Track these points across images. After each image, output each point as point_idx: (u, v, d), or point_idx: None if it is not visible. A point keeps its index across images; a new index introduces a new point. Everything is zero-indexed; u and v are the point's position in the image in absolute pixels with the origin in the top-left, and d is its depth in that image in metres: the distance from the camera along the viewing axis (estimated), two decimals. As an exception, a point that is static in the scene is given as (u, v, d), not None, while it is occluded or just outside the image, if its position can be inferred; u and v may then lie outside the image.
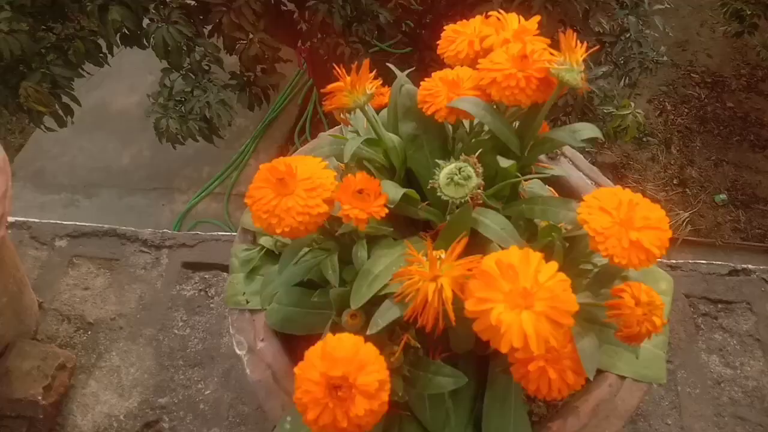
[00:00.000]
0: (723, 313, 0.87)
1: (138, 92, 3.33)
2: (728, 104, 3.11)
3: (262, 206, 0.47)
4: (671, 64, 3.16)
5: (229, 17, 2.43)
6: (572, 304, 0.41)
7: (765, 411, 0.80)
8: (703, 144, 3.02)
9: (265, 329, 0.60)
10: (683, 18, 3.40)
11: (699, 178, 2.95)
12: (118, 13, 2.26)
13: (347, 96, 0.52)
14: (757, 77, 3.16)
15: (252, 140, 3.25)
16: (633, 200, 0.47)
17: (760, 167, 2.97)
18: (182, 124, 2.45)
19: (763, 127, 3.04)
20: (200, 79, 2.48)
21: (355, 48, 2.50)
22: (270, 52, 2.53)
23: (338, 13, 2.43)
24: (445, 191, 0.47)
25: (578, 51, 0.50)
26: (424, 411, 0.53)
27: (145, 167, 3.21)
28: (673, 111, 3.09)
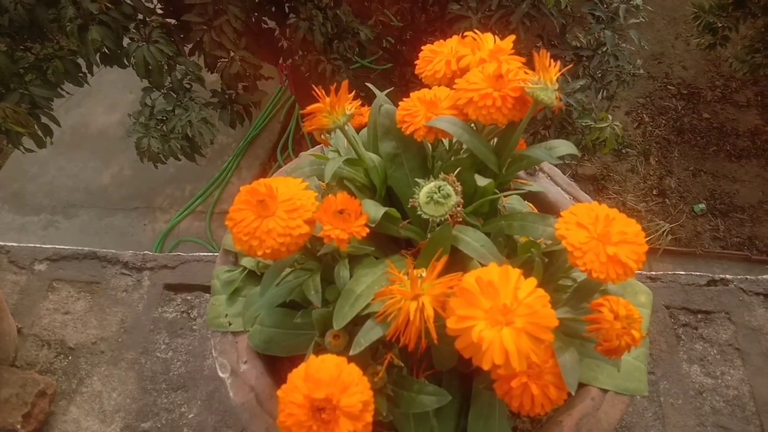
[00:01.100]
0: (703, 323, 0.88)
1: (118, 111, 3.32)
2: (704, 115, 3.16)
3: (243, 228, 0.47)
4: (648, 77, 3.22)
5: (209, 35, 2.43)
6: (552, 319, 0.41)
7: (746, 419, 0.81)
8: (681, 154, 3.06)
9: (247, 351, 0.60)
10: (658, 31, 3.47)
11: (678, 188, 3.00)
12: (98, 33, 2.25)
13: (327, 117, 0.52)
14: (731, 88, 3.22)
15: (234, 158, 3.24)
16: (609, 215, 0.48)
17: (737, 176, 3.02)
18: (164, 143, 2.44)
19: (738, 137, 3.10)
20: (182, 97, 2.48)
21: (337, 64, 2.52)
22: (251, 69, 2.54)
23: (319, 30, 2.44)
24: (425, 210, 0.47)
25: (552, 70, 0.51)
26: (409, 430, 0.53)
27: (125, 187, 3.19)
28: (651, 122, 3.14)
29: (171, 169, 3.24)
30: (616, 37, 2.59)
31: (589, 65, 2.62)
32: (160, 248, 2.95)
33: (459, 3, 2.61)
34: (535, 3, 2.55)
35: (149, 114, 2.47)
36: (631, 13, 2.55)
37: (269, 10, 2.76)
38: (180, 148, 2.47)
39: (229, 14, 2.40)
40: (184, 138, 2.47)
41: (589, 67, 2.62)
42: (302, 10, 2.47)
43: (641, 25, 2.67)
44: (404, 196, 0.55)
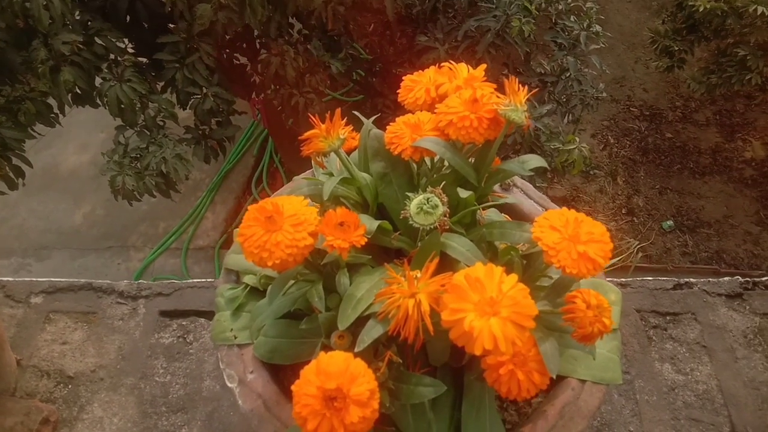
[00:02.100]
0: (671, 324, 0.96)
1: (89, 151, 3.34)
2: (667, 135, 3.32)
3: (254, 242, 0.53)
4: (611, 100, 3.37)
5: (182, 73, 2.50)
6: (532, 308, 0.48)
7: (715, 411, 0.88)
8: (647, 174, 3.20)
9: (253, 361, 0.65)
10: (618, 56, 3.65)
11: (646, 206, 3.13)
12: (71, 74, 2.29)
13: (323, 141, 0.59)
14: (691, 108, 3.39)
15: (208, 193, 3.29)
16: (578, 218, 0.55)
17: (702, 193, 3.16)
18: (139, 180, 2.48)
19: (700, 155, 3.25)
20: (155, 134, 2.52)
21: (309, 98, 2.60)
22: (225, 105, 2.61)
23: (291, 65, 2.53)
24: (416, 219, 0.54)
25: (521, 93, 0.58)
26: (408, 424, 0.59)
27: (98, 226, 3.20)
28: (616, 144, 3.29)
29: (144, 207, 3.26)
30: (579, 63, 2.73)
31: (554, 90, 2.74)
32: (135, 287, 2.95)
33: (426, 35, 2.73)
34: (499, 32, 2.68)
35: (123, 152, 2.51)
36: (592, 39, 2.69)
37: (240, 46, 2.85)
38: (155, 185, 2.50)
39: (201, 51, 2.47)
40: (158, 174, 2.51)
41: (554, 92, 2.74)
42: (273, 45, 2.56)
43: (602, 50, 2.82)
44: (394, 211, 0.62)
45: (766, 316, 0.96)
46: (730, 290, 0.99)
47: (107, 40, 2.36)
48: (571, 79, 2.71)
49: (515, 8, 2.67)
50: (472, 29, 2.68)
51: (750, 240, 2.98)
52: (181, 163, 2.49)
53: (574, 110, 2.75)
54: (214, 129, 2.70)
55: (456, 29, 2.78)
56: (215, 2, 2.28)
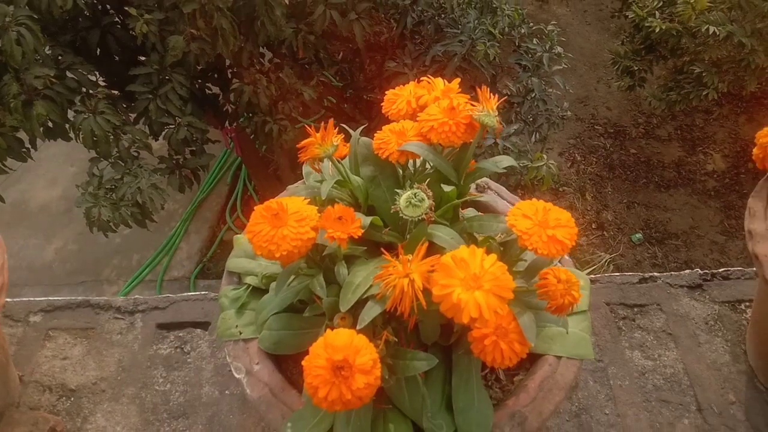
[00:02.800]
0: (639, 315, 1.05)
1: (60, 185, 3.37)
2: (631, 151, 3.48)
3: (262, 237, 0.60)
4: (576, 119, 3.53)
5: (155, 104, 2.56)
6: (510, 282, 0.56)
7: (683, 392, 0.97)
8: (614, 189, 3.35)
9: (258, 354, 0.72)
10: (581, 76, 3.82)
11: (615, 220, 3.26)
12: (43, 107, 2.34)
13: (318, 148, 0.67)
14: (653, 124, 3.57)
15: (182, 223, 3.33)
16: (546, 207, 0.64)
17: (668, 205, 3.32)
18: (114, 211, 2.52)
19: (664, 169, 3.41)
20: (130, 165, 2.57)
21: (283, 124, 2.69)
22: (199, 134, 2.67)
23: (263, 93, 2.61)
24: (405, 212, 0.62)
25: (492, 101, 0.68)
26: (404, 399, 0.66)
27: (70, 261, 3.21)
28: (583, 161, 3.44)
29: (117, 240, 3.29)
30: (543, 84, 2.87)
31: (521, 111, 2.88)
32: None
33: (395, 60, 2.85)
34: (465, 56, 2.81)
35: (98, 183, 2.55)
36: (554, 60, 2.84)
37: (212, 76, 2.93)
38: (131, 215, 2.54)
39: (174, 82, 2.54)
40: (134, 205, 2.55)
41: (521, 112, 2.87)
42: (246, 74, 2.65)
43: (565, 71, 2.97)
44: (383, 209, 0.70)
45: (724, 304, 1.06)
46: (691, 282, 1.09)
47: (79, 73, 2.42)
48: (536, 99, 2.84)
49: (480, 33, 2.81)
50: (440, 54, 2.82)
51: (716, 249, 3.13)
52: (156, 193, 2.54)
53: (541, 129, 2.88)
54: (188, 158, 2.77)
55: (424, 54, 2.92)
56: (187, 33, 2.37)
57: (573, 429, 0.94)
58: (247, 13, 2.45)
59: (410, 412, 0.67)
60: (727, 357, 1.00)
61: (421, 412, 0.66)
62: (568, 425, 0.95)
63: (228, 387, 0.98)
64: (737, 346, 1.02)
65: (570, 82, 3.07)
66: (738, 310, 1.06)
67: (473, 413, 0.66)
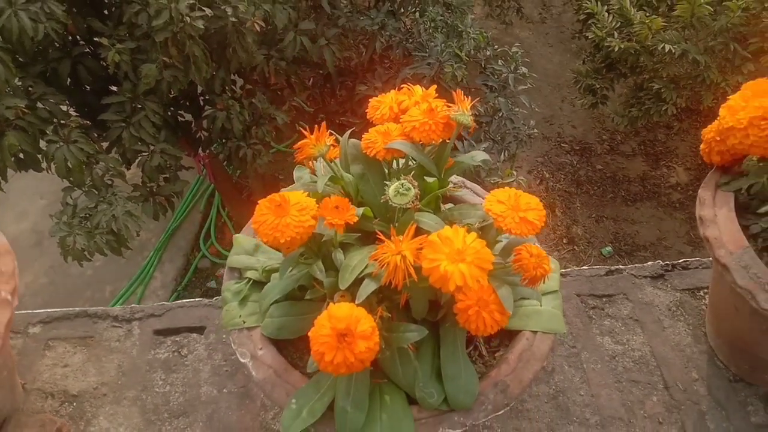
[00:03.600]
0: (607, 304, 1.16)
1: (29, 218, 3.39)
2: (597, 167, 3.65)
3: (268, 226, 0.69)
4: (543, 138, 3.69)
5: (129, 132, 2.62)
6: (489, 255, 0.66)
7: (650, 372, 1.07)
8: (583, 204, 3.50)
9: (261, 340, 0.80)
10: (546, 96, 4.00)
11: (585, 235, 3.40)
12: (15, 138, 2.38)
13: (313, 148, 0.77)
14: (617, 140, 3.75)
15: (155, 252, 3.37)
16: (517, 193, 0.74)
17: (635, 218, 3.47)
18: (90, 239, 2.56)
19: (630, 183, 3.58)
20: (104, 193, 2.61)
21: (257, 149, 2.77)
22: (172, 160, 2.74)
23: (237, 118, 2.70)
24: (393, 200, 0.72)
25: (466, 102, 0.78)
26: (398, 372, 0.75)
27: (41, 295, 3.22)
28: (552, 178, 3.58)
29: (89, 272, 3.31)
30: (509, 103, 3.02)
31: (489, 130, 3.01)
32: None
33: (366, 84, 2.98)
34: (434, 78, 2.95)
35: (72, 212, 2.59)
36: (519, 80, 3.00)
37: (184, 104, 3.01)
38: (106, 243, 2.59)
39: (147, 110, 2.61)
40: (109, 233, 2.59)
41: (490, 131, 3.01)
42: (218, 101, 2.74)
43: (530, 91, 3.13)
44: (372, 203, 0.79)
45: (684, 292, 1.17)
46: (653, 272, 1.20)
47: (50, 104, 2.48)
48: (503, 119, 2.98)
49: (447, 56, 2.95)
50: (409, 77, 2.95)
51: (683, 259, 3.28)
52: (131, 220, 2.60)
53: (510, 147, 3.02)
54: (162, 185, 2.83)
55: (393, 78, 3.05)
56: (160, 61, 2.45)
57: (551, 410, 1.03)
58: (219, 41, 2.55)
59: (404, 383, 0.75)
60: (689, 339, 1.11)
61: (414, 383, 0.75)
62: (547, 406, 1.04)
63: (225, 386, 1.05)
64: (698, 329, 1.12)
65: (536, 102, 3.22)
66: (697, 296, 1.17)
67: (461, 381, 0.74)
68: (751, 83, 0.87)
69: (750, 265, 0.88)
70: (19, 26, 2.19)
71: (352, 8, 3.00)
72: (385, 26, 2.88)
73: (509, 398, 0.76)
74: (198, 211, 3.54)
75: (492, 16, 3.87)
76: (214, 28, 2.42)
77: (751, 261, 0.89)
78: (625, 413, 1.03)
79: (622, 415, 1.03)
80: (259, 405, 1.03)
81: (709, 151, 0.98)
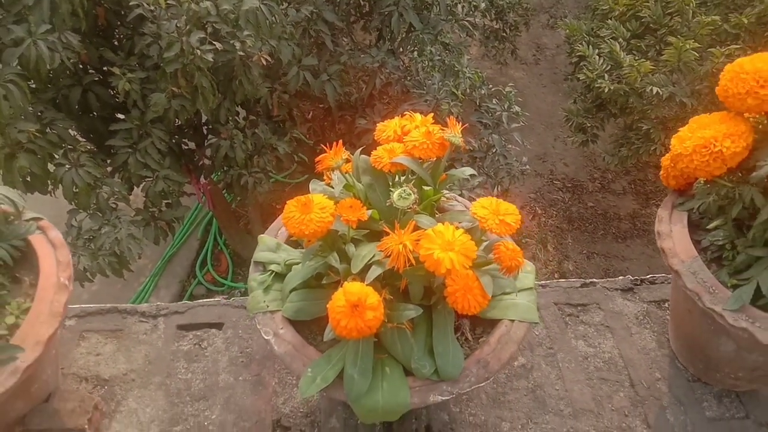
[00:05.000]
0: (582, 312, 1.35)
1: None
2: (589, 204, 3.87)
3: (295, 221, 0.88)
4: (535, 174, 3.92)
5: (135, 157, 2.82)
6: (474, 246, 0.86)
7: (618, 371, 1.26)
8: (574, 240, 3.71)
9: (282, 321, 0.99)
10: (539, 135, 4.25)
11: (576, 270, 3.60)
12: (26, 160, 2.57)
13: (331, 160, 0.97)
14: (608, 179, 3.98)
15: (152, 278, 3.53)
16: (498, 201, 0.94)
17: (626, 255, 3.68)
18: (93, 260, 2.72)
19: (621, 221, 3.80)
20: (108, 216, 2.79)
21: (258, 177, 2.98)
22: (175, 186, 2.93)
23: (240, 147, 2.91)
24: (397, 203, 0.91)
25: (457, 127, 0.98)
26: (397, 348, 0.93)
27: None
28: (544, 214, 3.80)
29: (84, 296, 3.47)
30: (503, 140, 3.24)
31: (483, 165, 3.23)
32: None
33: (365, 118, 3.20)
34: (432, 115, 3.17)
35: (76, 234, 2.77)
36: (512, 118, 3.23)
37: (188, 132, 3.22)
38: (108, 264, 2.76)
39: (154, 137, 2.82)
40: (112, 254, 2.77)
41: (483, 166, 3.22)
42: (222, 130, 2.95)
43: (523, 129, 3.36)
44: (379, 207, 0.99)
45: (651, 303, 1.37)
46: (624, 286, 1.39)
47: (60, 128, 2.67)
48: (497, 154, 3.20)
49: (444, 93, 3.19)
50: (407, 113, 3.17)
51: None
52: (134, 242, 2.78)
53: (503, 182, 3.23)
54: (164, 210, 3.02)
55: (392, 113, 3.28)
56: (169, 91, 2.66)
57: (530, 401, 1.21)
58: (226, 73, 2.77)
59: (402, 357, 0.94)
60: (654, 344, 1.30)
61: (410, 357, 0.93)
62: (526, 399, 1.22)
63: (241, 374, 1.22)
64: (662, 335, 1.31)
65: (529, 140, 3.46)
66: (662, 307, 1.36)
67: (449, 357, 0.93)
68: (695, 118, 1.08)
69: (698, 271, 1.08)
70: (37, 54, 2.38)
71: (354, 46, 3.25)
72: (385, 64, 3.12)
73: (489, 372, 0.95)
74: (195, 239, 3.72)
75: (488, 57, 4.14)
76: (222, 60, 2.64)
77: (699, 268, 1.08)
78: (595, 406, 1.21)
79: (592, 408, 1.21)
80: (270, 391, 1.20)
81: (666, 176, 1.19)
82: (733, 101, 0.99)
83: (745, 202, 1.02)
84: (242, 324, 1.30)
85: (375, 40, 3.38)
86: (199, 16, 2.48)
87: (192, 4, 2.43)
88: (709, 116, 1.06)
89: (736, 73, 0.99)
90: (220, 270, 3.54)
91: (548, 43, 4.91)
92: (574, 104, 3.65)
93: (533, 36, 4.82)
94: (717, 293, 1.04)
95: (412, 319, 0.94)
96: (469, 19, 3.55)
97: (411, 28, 3.25)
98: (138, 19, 2.54)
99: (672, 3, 3.24)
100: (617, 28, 3.41)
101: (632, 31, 3.43)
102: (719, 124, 1.02)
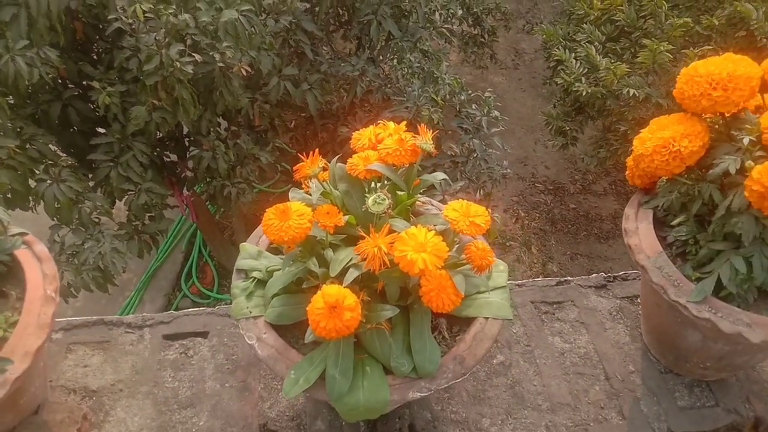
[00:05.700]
0: (557, 309, 1.40)
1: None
2: (571, 206, 3.94)
3: (274, 227, 0.93)
4: (517, 178, 3.99)
5: (116, 171, 2.85)
6: (445, 247, 0.91)
7: (594, 366, 1.31)
8: (557, 242, 3.77)
9: (265, 325, 1.03)
10: (520, 139, 4.32)
11: (560, 271, 3.66)
12: (6, 176, 2.58)
13: (308, 168, 1.02)
14: (589, 180, 4.06)
15: (136, 292, 3.56)
16: (468, 203, 0.99)
17: (608, 255, 3.75)
18: (77, 275, 2.74)
19: (602, 221, 3.87)
20: (91, 230, 2.81)
21: (241, 188, 3.01)
22: (158, 199, 2.96)
23: (222, 158, 2.94)
24: (372, 208, 0.96)
25: (428, 134, 1.04)
26: (376, 348, 0.98)
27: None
28: (527, 217, 3.87)
29: (69, 312, 3.48)
30: (484, 144, 3.30)
31: (465, 169, 3.28)
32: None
33: (347, 126, 3.25)
34: (412, 121, 3.24)
35: (59, 249, 2.79)
36: (492, 123, 3.29)
37: (169, 144, 3.25)
38: (92, 279, 2.78)
39: (135, 150, 2.85)
40: (95, 269, 2.79)
41: (465, 170, 3.28)
42: (204, 141, 2.99)
43: (504, 133, 3.42)
44: (355, 213, 1.04)
45: (624, 299, 1.42)
46: (597, 283, 1.45)
47: (40, 144, 2.69)
48: (478, 159, 3.26)
49: (424, 100, 3.25)
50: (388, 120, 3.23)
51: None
52: (118, 256, 2.80)
53: (485, 186, 3.29)
54: (147, 223, 3.05)
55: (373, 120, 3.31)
56: (150, 104, 2.70)
57: (509, 397, 1.26)
58: (206, 84, 2.81)
59: (381, 357, 0.98)
60: (627, 338, 1.35)
61: (389, 356, 0.98)
62: (505, 395, 1.27)
63: (227, 381, 1.26)
64: (635, 329, 1.37)
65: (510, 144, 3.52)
66: (635, 303, 1.42)
67: (427, 354, 0.98)
68: (656, 119, 1.14)
69: (663, 266, 1.14)
70: (15, 70, 2.40)
71: (334, 55, 3.30)
72: (366, 72, 3.17)
73: (466, 368, 1.00)
74: (180, 252, 3.75)
75: (467, 62, 4.21)
76: (201, 72, 2.67)
77: (664, 263, 1.14)
78: (572, 400, 1.26)
79: (569, 401, 1.26)
80: (256, 396, 1.24)
81: (632, 176, 1.25)
82: (689, 103, 1.06)
83: (704, 198, 1.08)
84: (227, 332, 1.35)
85: (355, 49, 3.44)
86: (178, 29, 2.51)
87: (171, 17, 2.47)
88: (667, 117, 1.12)
89: (690, 76, 1.05)
90: (205, 282, 3.56)
91: (527, 48, 5.00)
92: (554, 108, 3.72)
93: (512, 41, 4.90)
94: (682, 286, 1.10)
95: (391, 320, 0.99)
96: (447, 26, 3.61)
97: (390, 36, 3.31)
98: (117, 32, 2.58)
99: (645, 6, 3.32)
100: (593, 32, 3.49)
101: (607, 34, 3.51)
102: (677, 125, 1.08)
